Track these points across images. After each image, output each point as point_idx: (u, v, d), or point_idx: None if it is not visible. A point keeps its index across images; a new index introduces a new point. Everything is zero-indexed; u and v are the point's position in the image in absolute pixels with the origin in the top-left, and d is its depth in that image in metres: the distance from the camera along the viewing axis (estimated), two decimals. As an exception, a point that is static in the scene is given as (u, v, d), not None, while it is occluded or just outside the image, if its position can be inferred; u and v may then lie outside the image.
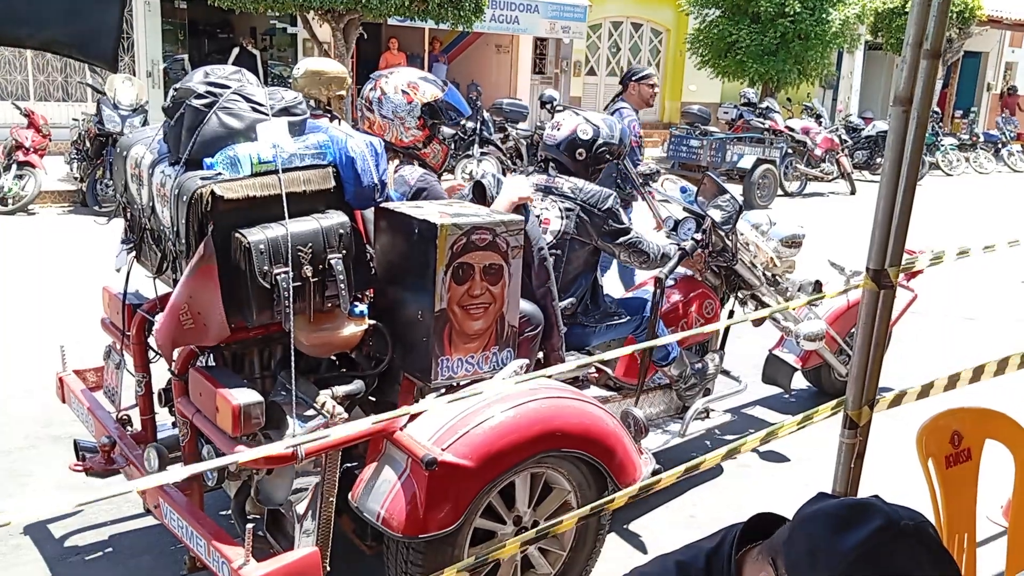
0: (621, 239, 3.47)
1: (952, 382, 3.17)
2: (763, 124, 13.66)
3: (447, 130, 3.06)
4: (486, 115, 12.30)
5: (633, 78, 5.50)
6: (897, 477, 3.18)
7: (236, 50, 15.28)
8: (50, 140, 10.14)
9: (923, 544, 1.10)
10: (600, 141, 3.53)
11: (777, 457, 4.20)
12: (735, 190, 13.33)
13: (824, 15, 15.53)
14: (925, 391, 3.15)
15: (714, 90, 19.48)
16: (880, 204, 2.57)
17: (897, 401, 3.08)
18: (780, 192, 13.03)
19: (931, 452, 2.67)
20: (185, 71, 11.25)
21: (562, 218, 3.41)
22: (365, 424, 2.29)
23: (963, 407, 2.86)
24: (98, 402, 3.19)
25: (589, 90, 19.11)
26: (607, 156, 3.56)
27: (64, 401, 3.32)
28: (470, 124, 12.28)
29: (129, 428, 3.14)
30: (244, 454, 2.24)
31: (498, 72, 18.25)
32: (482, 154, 11.87)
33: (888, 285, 2.64)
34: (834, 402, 3.06)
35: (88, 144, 9.69)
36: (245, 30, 17.06)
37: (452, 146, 10.07)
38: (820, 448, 3.76)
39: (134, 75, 13.44)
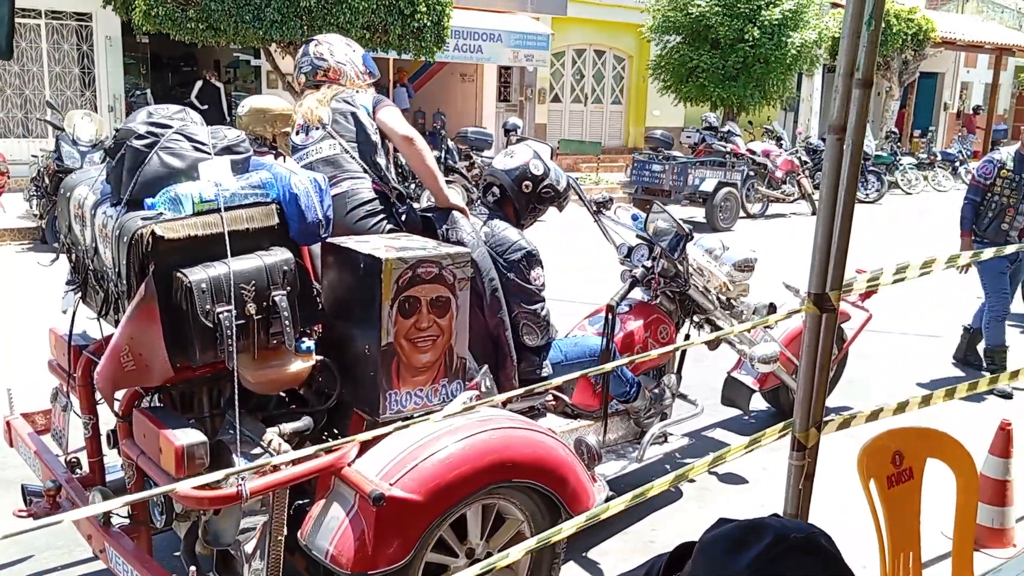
0: (524, 299, 3.30)
1: (901, 407, 3.22)
2: (725, 147, 13.84)
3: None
4: (451, 144, 12.36)
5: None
6: (852, 497, 3.21)
7: (199, 83, 15.34)
8: (9, 177, 10.06)
9: (812, 555, 1.13)
10: (547, 181, 3.49)
11: (735, 479, 4.23)
12: (698, 213, 13.43)
13: (783, 39, 15.83)
14: (874, 415, 3.20)
15: (678, 115, 19.73)
16: (819, 229, 2.62)
17: (847, 424, 3.12)
18: (743, 214, 13.20)
19: (873, 472, 2.70)
20: (149, 104, 11.26)
21: None
22: (312, 461, 2.28)
23: (904, 427, 2.90)
24: (45, 445, 3.14)
25: (554, 116, 19.28)
26: (549, 197, 3.52)
27: (11, 445, 3.27)
28: (435, 153, 12.34)
29: (78, 471, 3.10)
30: (181, 488, 2.21)
31: (463, 101, 18.38)
32: (447, 182, 11.90)
33: (830, 308, 2.68)
34: (781, 425, 3.10)
35: (47, 180, 9.60)
36: (209, 63, 17.04)
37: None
38: (778, 466, 3.79)
39: (95, 110, 13.38)
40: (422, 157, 3.14)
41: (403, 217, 3.08)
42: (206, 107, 14.35)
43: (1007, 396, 5.30)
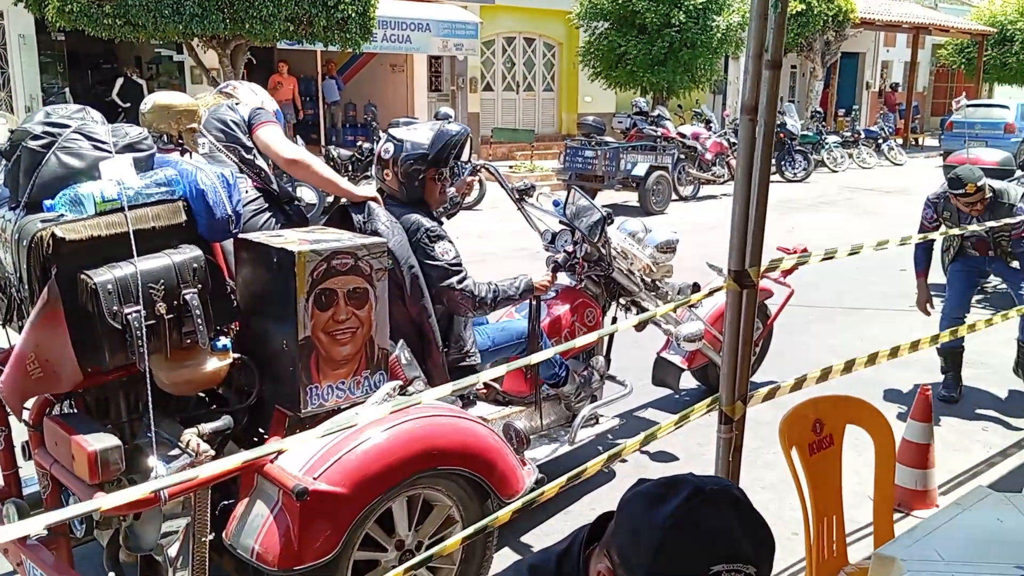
0: (436, 276, 3.18)
1: (824, 375, 3.30)
2: (655, 132, 14.02)
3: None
4: (383, 135, 12.26)
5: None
6: (779, 466, 3.29)
7: (120, 80, 14.93)
8: (-80, 184, 9.66)
9: (729, 504, 1.19)
10: (403, 155, 3.25)
11: (668, 457, 4.30)
12: (631, 198, 13.56)
13: (708, 23, 16.05)
14: (798, 384, 3.28)
15: (609, 100, 19.88)
16: (736, 208, 2.67)
17: (771, 395, 3.19)
18: (675, 197, 13.37)
19: (794, 440, 2.78)
20: (67, 103, 10.89)
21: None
22: (227, 462, 2.25)
23: (823, 396, 2.99)
24: (-43, 460, 3.04)
25: (487, 105, 19.25)
26: (416, 169, 3.26)
27: (-79, 461, 3.16)
28: (367, 145, 12.24)
29: (-6, 484, 3.01)
30: (101, 501, 2.16)
31: (394, 91, 18.22)
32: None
33: (750, 284, 2.74)
34: (709, 400, 3.16)
35: (-39, 186, 9.25)
36: (130, 59, 16.59)
37: (351, 167, 9.84)
38: (709, 444, 3.87)
39: (11, 111, 12.92)
40: (314, 172, 3.12)
41: (292, 216, 3.07)
42: (128, 104, 13.98)
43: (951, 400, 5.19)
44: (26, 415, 2.57)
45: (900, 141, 21.87)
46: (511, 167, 15.59)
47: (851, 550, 2.94)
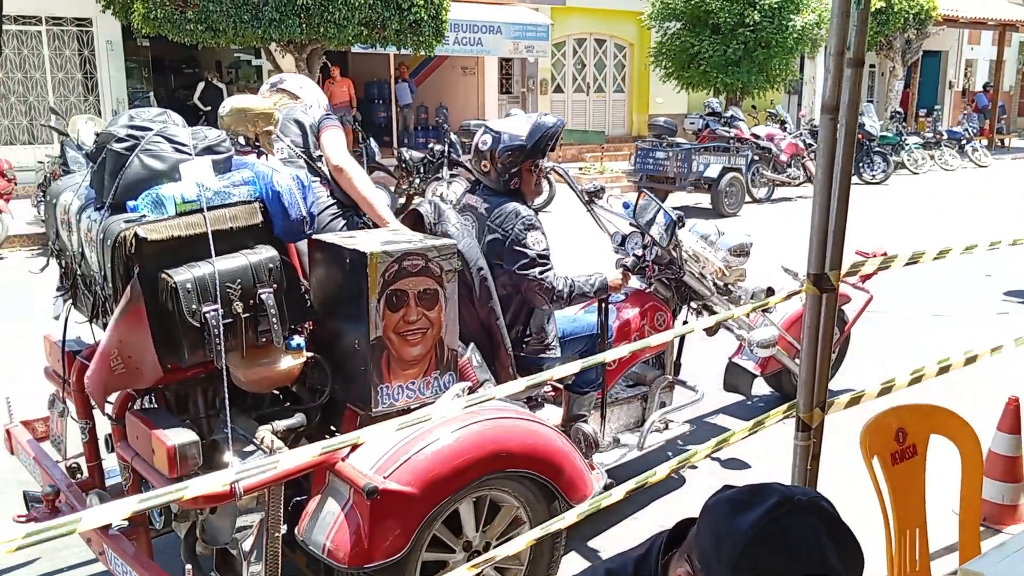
0: (516, 265, 3.20)
1: (916, 378, 3.19)
2: (728, 133, 13.79)
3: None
4: (454, 137, 12.32)
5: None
6: (859, 477, 3.19)
7: (202, 84, 15.38)
8: (16, 184, 10.11)
9: (818, 516, 1.14)
10: (501, 147, 3.27)
11: (737, 464, 4.21)
12: (703, 200, 13.38)
13: (784, 23, 15.73)
14: (886, 390, 3.18)
15: (680, 101, 19.65)
16: (816, 210, 2.61)
17: (853, 402, 3.11)
18: (748, 199, 13.13)
19: (876, 450, 2.69)
20: (152, 107, 11.27)
21: (478, 239, 3.27)
22: (303, 457, 2.28)
23: (906, 404, 2.88)
24: (44, 452, 3.16)
25: (557, 107, 19.23)
26: (513, 160, 3.28)
27: (12, 453, 3.29)
28: (438, 147, 12.34)
29: (79, 476, 3.11)
30: (181, 491, 2.22)
31: (465, 93, 18.36)
32: (451, 176, 11.90)
33: (829, 288, 2.67)
34: (785, 406, 3.09)
35: (52, 186, 9.65)
36: (210, 64, 17.09)
37: (422, 169, 9.91)
38: (781, 451, 3.78)
39: (99, 115, 13.43)
40: (355, 187, 3.14)
41: (363, 219, 3.12)
42: (209, 108, 14.39)
43: None
44: (109, 409, 2.65)
45: (985, 142, 21.07)
46: (581, 169, 15.54)
47: (934, 565, 2.83)
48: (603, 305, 3.49)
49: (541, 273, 3.21)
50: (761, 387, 4.99)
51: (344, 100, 15.58)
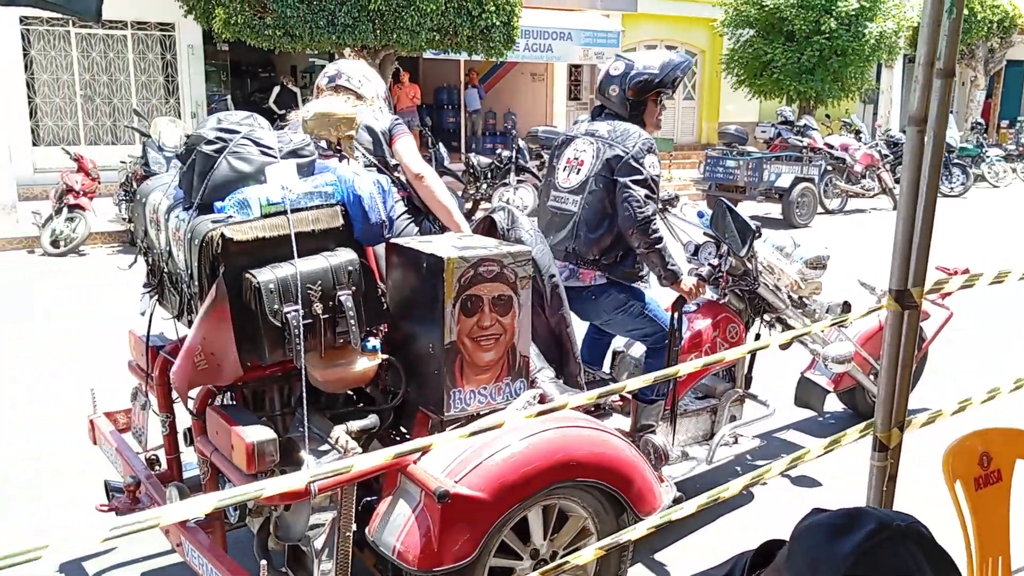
0: (629, 178, 3.36)
1: (991, 395, 3.09)
2: (801, 142, 13.54)
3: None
4: (522, 143, 12.37)
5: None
6: (935, 498, 3.10)
7: (277, 88, 15.74)
8: (99, 183, 10.48)
9: (918, 543, 1.11)
10: (633, 72, 3.50)
11: (809, 482, 4.12)
12: (774, 210, 13.15)
13: (861, 30, 15.40)
14: (961, 408, 3.08)
15: (751, 110, 19.38)
16: (899, 224, 2.54)
17: (931, 422, 3.02)
18: (820, 210, 12.88)
19: (959, 474, 2.60)
20: (229, 110, 11.59)
21: (594, 158, 3.49)
22: (377, 459, 2.31)
23: (991, 428, 2.79)
24: (126, 443, 3.26)
25: (625, 114, 19.12)
26: (644, 87, 3.51)
27: (95, 443, 3.41)
28: (506, 153, 12.41)
29: (157, 468, 3.21)
30: (261, 488, 2.26)
31: (534, 100, 18.40)
32: (518, 182, 11.94)
33: (912, 305, 2.60)
34: (862, 425, 3.01)
35: (135, 185, 9.98)
36: (286, 68, 17.48)
37: (489, 174, 9.94)
38: (854, 471, 3.68)
39: (179, 117, 13.86)
40: (433, 194, 3.16)
41: (439, 225, 3.15)
42: (284, 111, 14.69)
43: None
44: (190, 404, 2.72)
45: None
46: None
47: (1018, 595, 2.72)
48: (678, 314, 3.45)
49: (646, 197, 3.38)
50: (833, 403, 4.87)
51: (410, 105, 15.78)
